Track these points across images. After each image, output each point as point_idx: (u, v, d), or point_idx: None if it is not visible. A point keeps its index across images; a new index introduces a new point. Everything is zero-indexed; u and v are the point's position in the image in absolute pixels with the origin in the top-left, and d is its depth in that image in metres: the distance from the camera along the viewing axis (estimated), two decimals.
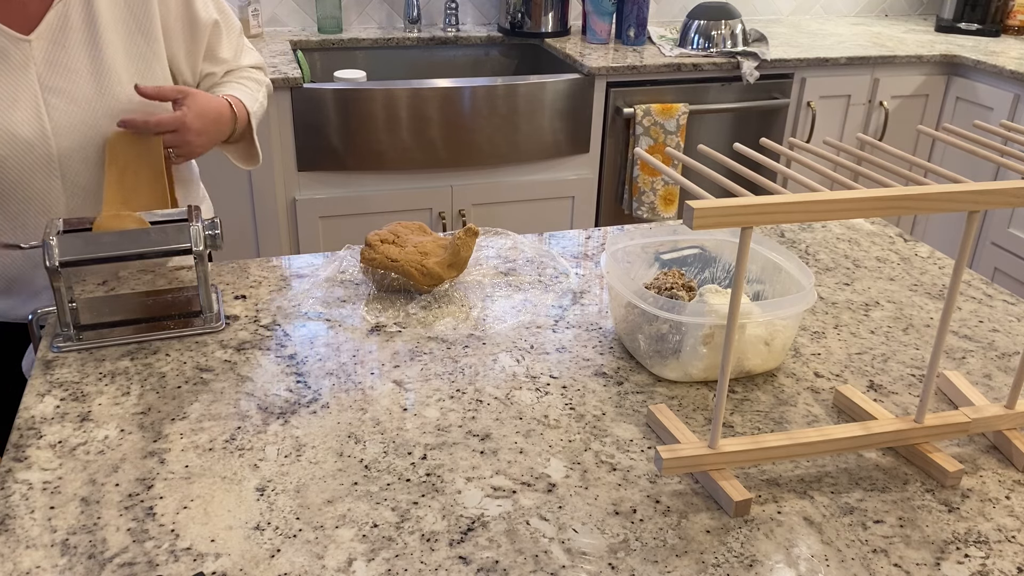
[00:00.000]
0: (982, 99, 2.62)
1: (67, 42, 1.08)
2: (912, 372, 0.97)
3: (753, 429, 0.86)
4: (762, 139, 0.87)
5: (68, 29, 1.08)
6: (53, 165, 1.09)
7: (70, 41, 1.08)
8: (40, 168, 1.09)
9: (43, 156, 1.08)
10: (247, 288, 1.11)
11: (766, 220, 0.66)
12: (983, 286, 1.17)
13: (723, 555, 0.70)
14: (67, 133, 1.08)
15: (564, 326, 1.04)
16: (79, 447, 0.81)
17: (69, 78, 1.08)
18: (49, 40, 1.07)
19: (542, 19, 2.71)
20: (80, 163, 1.11)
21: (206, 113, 1.14)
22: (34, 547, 0.69)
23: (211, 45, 1.23)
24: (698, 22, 2.57)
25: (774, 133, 2.64)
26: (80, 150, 1.10)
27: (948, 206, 0.69)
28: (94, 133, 1.10)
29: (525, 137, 2.38)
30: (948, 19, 3.05)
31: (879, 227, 1.36)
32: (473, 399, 0.90)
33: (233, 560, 0.68)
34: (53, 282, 0.95)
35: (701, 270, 1.07)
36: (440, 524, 0.73)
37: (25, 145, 1.06)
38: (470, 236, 1.08)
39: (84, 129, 1.09)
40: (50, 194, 1.11)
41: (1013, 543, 0.72)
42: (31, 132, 1.06)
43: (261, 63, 1.36)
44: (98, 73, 1.10)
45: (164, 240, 0.98)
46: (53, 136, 1.08)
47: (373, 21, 2.78)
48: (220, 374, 0.93)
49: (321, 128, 2.23)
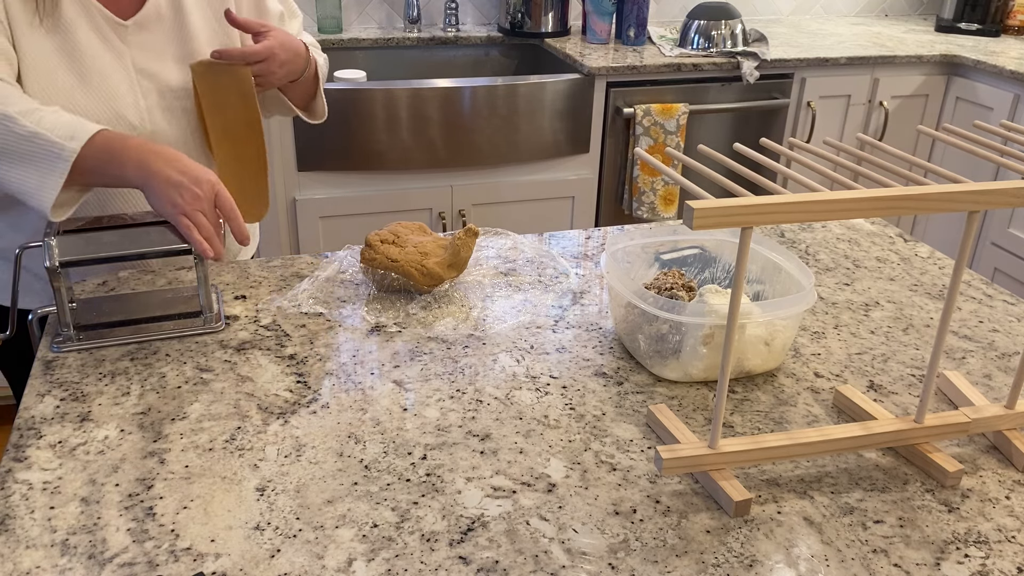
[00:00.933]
0: (982, 99, 2.62)
1: (159, 29, 1.14)
2: (912, 372, 0.97)
3: (753, 429, 0.86)
4: (762, 139, 0.87)
5: (160, 17, 1.14)
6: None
7: (162, 28, 1.14)
8: None
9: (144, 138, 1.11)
10: (247, 288, 1.11)
11: (766, 220, 0.66)
12: (983, 286, 1.17)
13: (723, 555, 0.70)
14: (158, 117, 1.14)
15: (564, 326, 1.04)
16: (79, 447, 0.81)
17: (160, 64, 1.14)
18: (142, 27, 1.12)
19: (542, 19, 2.71)
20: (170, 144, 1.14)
21: (288, 45, 1.19)
22: (34, 547, 0.69)
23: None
24: (698, 22, 2.57)
25: (774, 133, 2.64)
26: (168, 133, 1.15)
27: (948, 206, 0.69)
28: (179, 117, 1.16)
29: (525, 137, 2.38)
30: (948, 19, 3.05)
31: (879, 227, 1.36)
32: (473, 399, 0.90)
33: (233, 560, 0.68)
34: (53, 282, 0.95)
35: (701, 270, 1.07)
36: (440, 524, 0.73)
37: (130, 128, 1.11)
38: (470, 236, 1.08)
39: (170, 114, 1.15)
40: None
41: (1013, 543, 0.72)
42: (135, 115, 1.12)
43: (318, 46, 1.39)
44: (184, 60, 1.16)
45: (164, 240, 0.98)
46: (149, 119, 1.13)
47: (373, 21, 2.78)
48: (220, 374, 0.93)
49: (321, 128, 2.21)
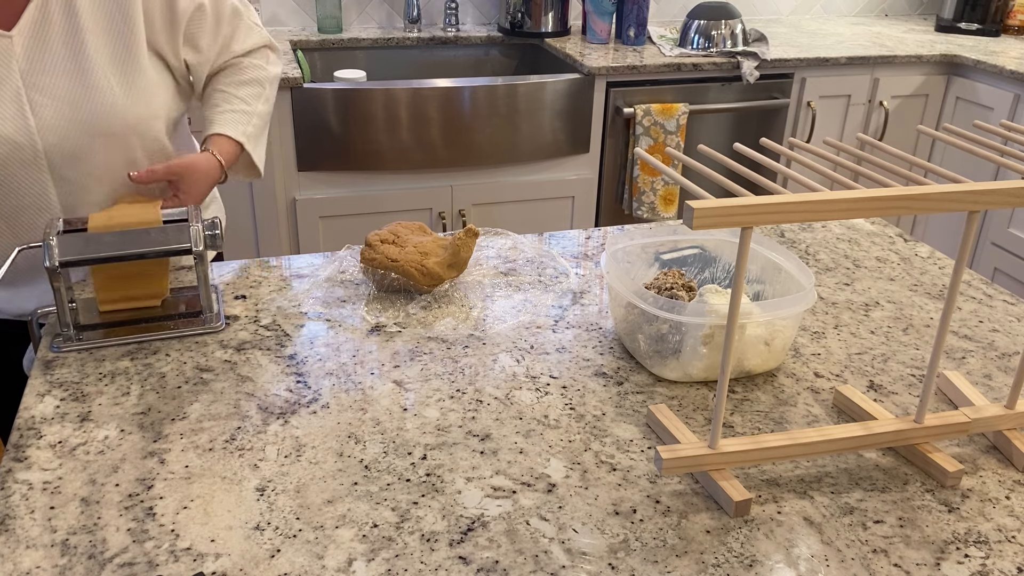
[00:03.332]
0: (982, 99, 2.62)
1: (48, 36, 1.06)
2: (912, 372, 0.97)
3: (753, 429, 0.86)
4: (762, 139, 0.87)
5: (49, 23, 1.06)
6: (40, 162, 1.08)
7: (51, 35, 1.06)
8: (28, 166, 1.07)
9: (30, 153, 1.06)
10: (247, 288, 1.11)
11: (766, 220, 0.66)
12: (983, 286, 1.17)
13: (723, 555, 0.70)
14: (53, 130, 1.07)
15: (564, 326, 1.04)
16: (79, 447, 0.81)
17: (52, 74, 1.06)
18: (30, 36, 1.05)
19: (542, 19, 2.71)
20: (68, 159, 1.09)
21: (200, 184, 1.15)
22: (34, 547, 0.69)
23: (191, 33, 1.17)
24: (698, 22, 2.57)
25: (774, 133, 2.64)
26: (67, 146, 1.09)
27: (948, 206, 0.69)
28: (79, 129, 1.08)
29: (525, 137, 2.38)
30: (948, 19, 3.05)
31: (879, 227, 1.36)
32: (473, 399, 0.90)
33: (233, 560, 0.68)
34: (53, 282, 0.95)
35: (701, 270, 1.07)
36: (440, 524, 0.73)
37: (10, 143, 1.05)
38: (470, 237, 1.08)
39: (69, 125, 1.08)
40: (42, 192, 1.10)
41: (1013, 543, 0.72)
42: (15, 129, 1.05)
43: (264, 43, 1.27)
44: (80, 69, 1.08)
45: (164, 240, 0.98)
46: (39, 133, 1.06)
47: (373, 21, 2.78)
48: (220, 374, 0.93)
49: (321, 128, 2.23)
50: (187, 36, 1.17)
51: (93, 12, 1.09)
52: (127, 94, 1.10)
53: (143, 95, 1.12)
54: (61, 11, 1.06)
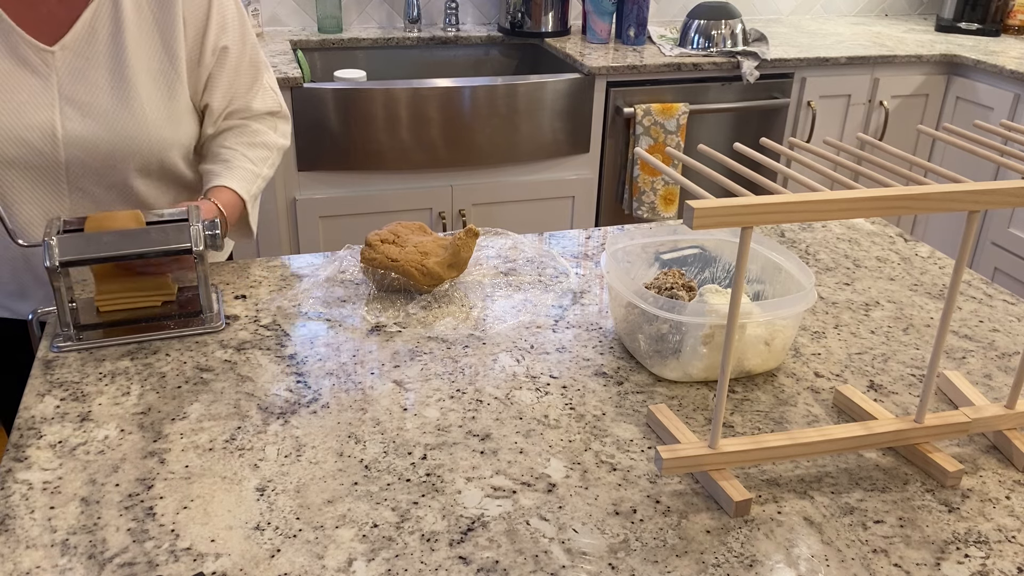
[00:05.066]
0: (982, 99, 2.62)
1: (92, 55, 1.08)
2: (912, 372, 0.97)
3: (753, 429, 0.86)
4: (762, 139, 0.87)
5: (95, 41, 1.08)
6: (60, 173, 1.09)
7: (95, 54, 1.08)
8: (48, 174, 1.09)
9: (51, 163, 1.08)
10: (247, 288, 1.11)
11: (766, 220, 0.66)
12: (983, 286, 1.17)
13: (723, 555, 0.70)
14: (79, 144, 1.08)
15: (564, 326, 1.04)
16: (79, 447, 0.81)
17: (90, 91, 1.08)
18: (74, 51, 1.07)
19: (542, 19, 2.71)
20: (91, 174, 1.11)
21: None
22: (34, 547, 0.69)
23: (212, 74, 1.17)
24: (698, 22, 2.57)
25: (774, 133, 2.64)
26: (89, 160, 1.10)
27: (948, 206, 0.69)
28: (107, 147, 1.09)
29: (525, 137, 2.38)
30: (948, 19, 3.05)
31: (879, 227, 1.36)
32: (473, 399, 0.90)
33: (233, 560, 0.68)
34: (53, 282, 0.95)
35: (701, 270, 1.07)
36: (440, 524, 0.73)
37: (33, 150, 1.06)
38: (470, 237, 1.08)
39: (97, 142, 1.09)
40: (56, 201, 1.11)
41: (1013, 543, 0.72)
42: (40, 138, 1.06)
43: (278, 109, 1.26)
44: (120, 89, 1.09)
45: (164, 240, 0.98)
46: (64, 145, 1.07)
47: (373, 21, 2.78)
48: (220, 374, 0.93)
49: (321, 128, 2.23)
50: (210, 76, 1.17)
51: (138, 36, 1.10)
52: (159, 117, 1.12)
53: (173, 119, 1.14)
54: (108, 32, 1.08)
